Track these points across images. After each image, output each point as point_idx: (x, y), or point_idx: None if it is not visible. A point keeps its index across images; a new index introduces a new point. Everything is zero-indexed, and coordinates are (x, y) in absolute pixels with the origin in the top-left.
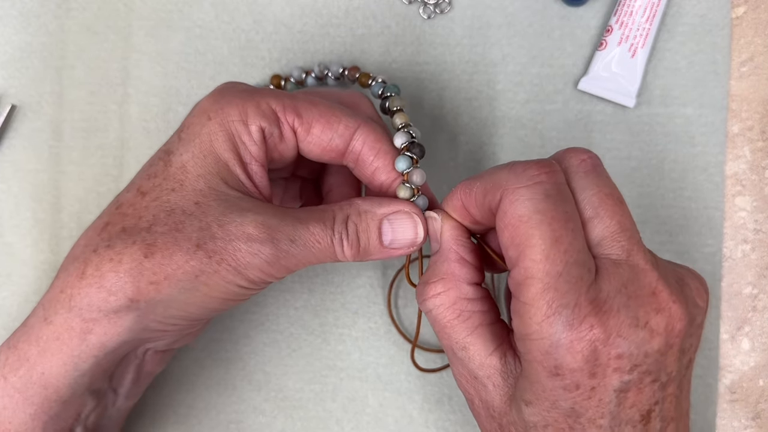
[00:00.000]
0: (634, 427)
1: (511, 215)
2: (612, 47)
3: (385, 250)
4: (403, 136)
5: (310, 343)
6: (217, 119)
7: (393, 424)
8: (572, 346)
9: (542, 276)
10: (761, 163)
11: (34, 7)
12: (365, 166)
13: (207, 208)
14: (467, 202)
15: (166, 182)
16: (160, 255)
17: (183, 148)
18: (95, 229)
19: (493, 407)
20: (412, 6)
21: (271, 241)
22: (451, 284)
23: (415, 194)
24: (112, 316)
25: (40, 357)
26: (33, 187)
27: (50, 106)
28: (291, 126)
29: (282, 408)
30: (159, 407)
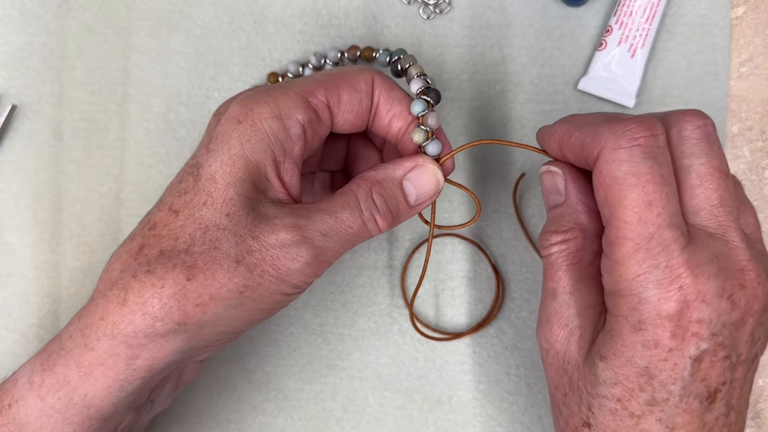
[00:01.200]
0: (701, 402)
1: (606, 175)
2: (612, 47)
3: (413, 208)
4: (418, 82)
5: (310, 343)
6: (249, 121)
7: (393, 424)
8: (659, 303)
9: (634, 236)
10: (761, 163)
11: (35, 7)
12: (382, 117)
13: (238, 220)
14: (565, 146)
15: (197, 197)
16: (202, 276)
17: (212, 159)
18: (130, 252)
19: (569, 359)
20: (412, 6)
21: (306, 242)
22: (578, 233)
23: (429, 137)
24: (160, 340)
25: (82, 381)
26: (33, 187)
27: (50, 106)
28: (325, 102)
29: (282, 408)
30: (154, 414)
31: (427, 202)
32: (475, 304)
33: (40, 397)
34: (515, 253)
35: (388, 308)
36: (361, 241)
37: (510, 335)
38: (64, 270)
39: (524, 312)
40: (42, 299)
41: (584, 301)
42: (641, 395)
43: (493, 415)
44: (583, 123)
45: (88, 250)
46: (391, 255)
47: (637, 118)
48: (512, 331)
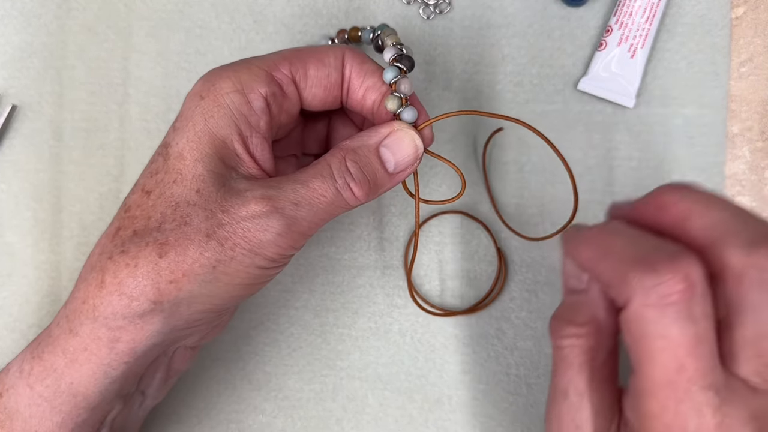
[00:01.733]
0: None
1: (635, 329)
2: (612, 48)
3: (393, 176)
4: (391, 50)
5: (310, 343)
6: (211, 96)
7: (393, 424)
8: None
9: (662, 398)
10: (761, 163)
11: (35, 8)
12: (356, 91)
13: (208, 194)
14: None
15: (168, 176)
16: (173, 252)
17: (178, 137)
18: (108, 235)
19: None
20: (412, 6)
21: (277, 212)
22: (595, 329)
23: (403, 104)
24: (138, 321)
25: (68, 368)
26: (33, 187)
27: (51, 106)
28: (290, 77)
29: (282, 408)
30: (159, 407)
31: (408, 170)
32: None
33: (29, 385)
34: (515, 253)
35: (388, 308)
36: (340, 211)
37: (510, 335)
38: (64, 270)
39: (524, 312)
40: (42, 299)
41: (596, 406)
42: None
43: (493, 415)
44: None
45: (88, 250)
46: (391, 255)
47: (671, 264)
48: (512, 331)
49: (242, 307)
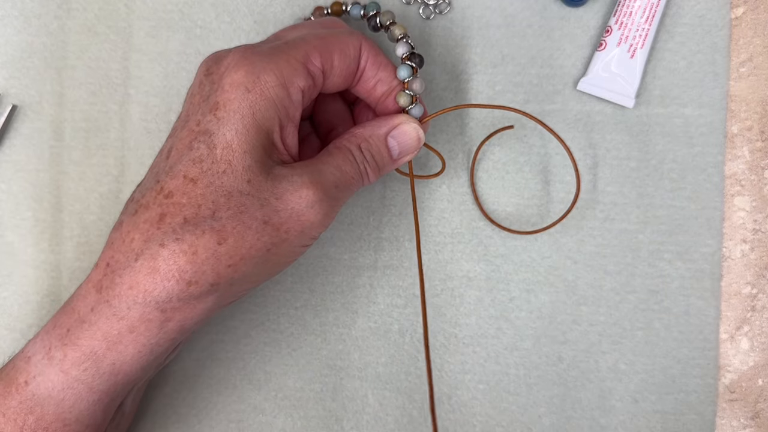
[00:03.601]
0: None
1: None
2: (611, 48)
3: (396, 161)
4: (404, 47)
5: (310, 343)
6: (257, 90)
7: (393, 424)
8: None
9: None
10: (760, 163)
11: (35, 8)
12: (367, 80)
13: (259, 184)
14: None
15: (216, 166)
16: (232, 239)
17: (225, 128)
18: (149, 221)
19: None
20: (412, 7)
21: (325, 195)
22: None
23: (413, 102)
24: (193, 301)
25: (110, 350)
26: (34, 187)
27: (51, 106)
28: (320, 68)
29: (282, 407)
30: (160, 407)
31: (408, 157)
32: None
33: (63, 371)
34: (514, 253)
35: (388, 308)
36: (356, 191)
37: (510, 335)
38: (65, 270)
39: (524, 312)
40: (42, 299)
41: None
42: None
43: (493, 415)
44: None
45: (88, 250)
46: (390, 255)
47: None
48: (512, 331)
49: (242, 308)
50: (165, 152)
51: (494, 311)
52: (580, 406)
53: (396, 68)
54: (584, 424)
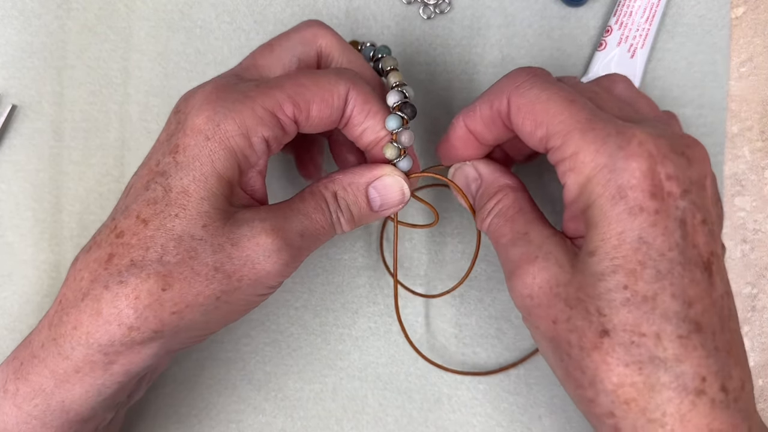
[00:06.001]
0: (702, 273)
1: (525, 104)
2: (611, 48)
3: (376, 213)
4: (396, 95)
5: (310, 343)
6: (216, 138)
7: (393, 424)
8: (627, 164)
9: (575, 124)
10: (760, 163)
11: (35, 8)
12: (354, 127)
13: (215, 230)
14: (472, 124)
15: (169, 208)
16: (178, 286)
17: (182, 173)
18: (98, 261)
19: (557, 283)
20: (412, 6)
21: (286, 244)
22: (508, 190)
23: (401, 155)
24: (136, 347)
25: (59, 388)
26: (33, 187)
27: (51, 106)
28: (292, 118)
29: (282, 407)
30: (159, 407)
31: (392, 210)
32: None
33: (16, 405)
34: None
35: (388, 308)
36: (326, 241)
37: (510, 335)
38: (64, 270)
39: None
40: (42, 299)
41: (542, 234)
42: (645, 272)
43: (493, 415)
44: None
45: None
46: (390, 255)
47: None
48: (512, 331)
49: None
50: (126, 190)
51: (494, 311)
52: None
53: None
54: (584, 424)
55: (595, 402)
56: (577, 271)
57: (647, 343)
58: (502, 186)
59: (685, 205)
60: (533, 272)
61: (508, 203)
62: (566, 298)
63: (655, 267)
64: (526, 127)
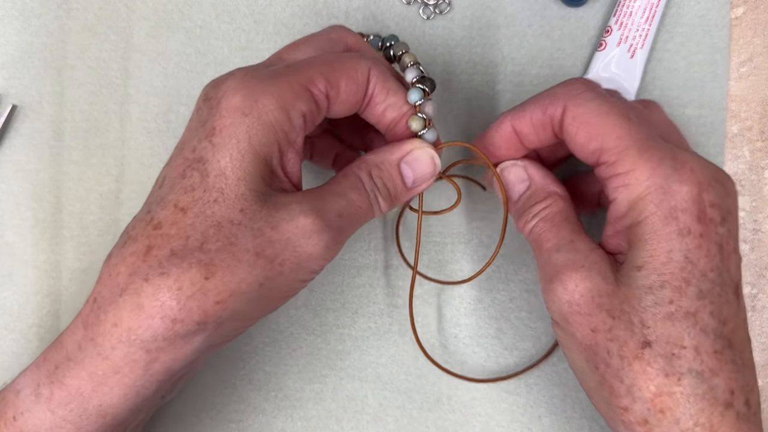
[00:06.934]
0: (734, 295)
1: (582, 114)
2: (611, 48)
3: (410, 190)
4: (413, 71)
5: (310, 343)
6: (254, 113)
7: (393, 424)
8: (681, 187)
9: (633, 143)
10: (760, 163)
11: (35, 8)
12: (376, 106)
13: (252, 213)
14: (520, 125)
15: (207, 194)
16: (221, 273)
17: (219, 154)
18: (136, 254)
19: (600, 293)
20: (412, 7)
21: (326, 225)
22: (557, 197)
23: (426, 125)
24: (179, 341)
25: (96, 391)
26: (33, 187)
27: (51, 106)
28: (324, 94)
29: (282, 407)
30: (159, 407)
31: (424, 185)
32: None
33: (50, 410)
34: (515, 254)
35: (388, 308)
36: (364, 222)
37: (510, 335)
38: (65, 270)
39: (524, 312)
40: (42, 299)
41: (587, 246)
42: (689, 289)
43: (493, 415)
44: (528, 100)
45: (88, 250)
46: (390, 255)
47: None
48: (512, 332)
49: None
50: (159, 182)
51: (494, 311)
52: (580, 406)
53: (406, 94)
54: (584, 424)
55: (630, 410)
56: (622, 284)
57: (687, 356)
58: (552, 192)
59: (723, 231)
60: (576, 280)
61: (556, 210)
62: (609, 309)
63: (698, 286)
64: (579, 138)
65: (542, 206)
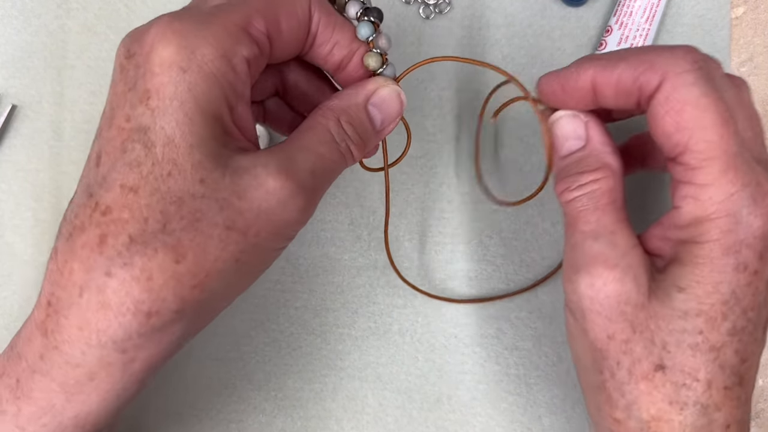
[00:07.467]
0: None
1: (677, 99)
2: (611, 48)
3: (380, 132)
4: (355, 5)
5: (310, 343)
6: (194, 67)
7: (393, 424)
8: (754, 221)
9: (721, 155)
10: None
11: (35, 7)
12: (322, 45)
13: (215, 183)
14: (603, 81)
15: (158, 168)
16: (192, 254)
17: (162, 120)
18: (89, 246)
19: (628, 300)
20: (412, 6)
21: (299, 187)
22: (608, 173)
23: (384, 61)
24: (157, 335)
25: (71, 401)
26: (33, 187)
27: (51, 106)
28: (265, 33)
29: (282, 407)
30: (159, 407)
31: (392, 126)
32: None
33: (19, 426)
34: (515, 253)
35: (388, 308)
36: (338, 175)
37: (510, 335)
38: None
39: (524, 312)
40: None
41: (628, 242)
42: (724, 324)
43: (493, 415)
44: (625, 56)
45: None
46: (391, 254)
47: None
48: (512, 332)
49: (242, 307)
50: (93, 158)
51: (494, 311)
52: (580, 406)
53: (354, 29)
54: (584, 424)
55: (622, 424)
56: (655, 299)
57: (697, 389)
58: (606, 165)
59: None
60: (606, 279)
61: (605, 188)
62: (633, 321)
63: (734, 322)
64: (665, 124)
65: (591, 178)
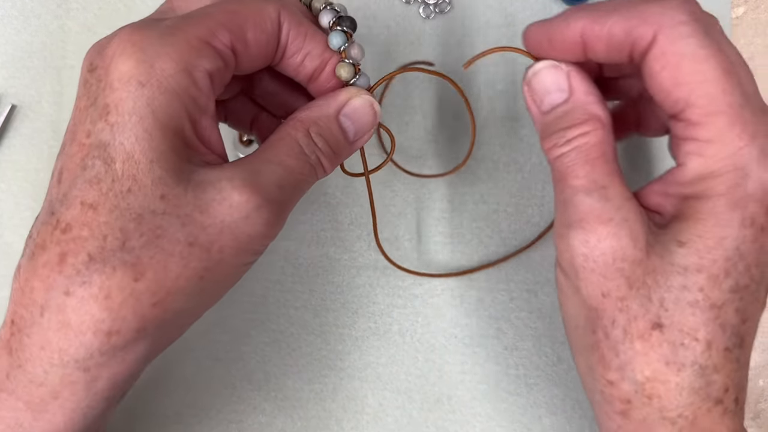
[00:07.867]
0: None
1: (675, 53)
2: None
3: (353, 144)
4: (328, 14)
5: (310, 343)
6: (153, 82)
7: (392, 424)
8: (763, 175)
9: (726, 108)
10: None
11: (35, 7)
12: (293, 56)
13: (176, 198)
14: (592, 33)
15: (118, 184)
16: (151, 272)
17: (123, 136)
18: (49, 265)
19: (624, 256)
20: (412, 6)
21: (265, 200)
22: (597, 125)
23: (356, 71)
24: (120, 353)
25: (38, 420)
26: (33, 187)
27: (50, 106)
28: (229, 47)
29: (282, 408)
30: (159, 407)
31: (366, 136)
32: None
33: None
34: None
35: (388, 308)
36: (309, 188)
37: (510, 335)
38: None
39: (524, 312)
40: None
41: (622, 195)
42: (726, 281)
43: (493, 415)
44: (616, 7)
45: None
46: (390, 255)
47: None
48: (512, 331)
49: (242, 307)
50: (56, 175)
51: (494, 311)
52: (580, 406)
53: (326, 38)
54: (584, 424)
55: (615, 385)
56: (653, 254)
57: (696, 349)
58: (593, 116)
59: None
60: (601, 234)
61: (594, 141)
62: (629, 277)
63: (736, 279)
64: (662, 80)
65: (579, 132)
